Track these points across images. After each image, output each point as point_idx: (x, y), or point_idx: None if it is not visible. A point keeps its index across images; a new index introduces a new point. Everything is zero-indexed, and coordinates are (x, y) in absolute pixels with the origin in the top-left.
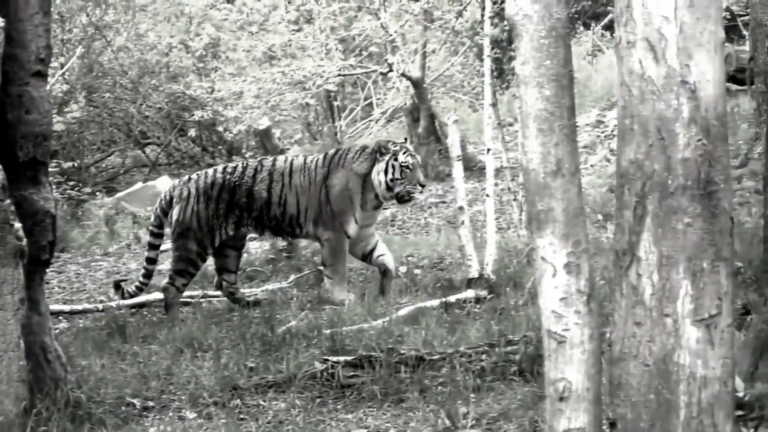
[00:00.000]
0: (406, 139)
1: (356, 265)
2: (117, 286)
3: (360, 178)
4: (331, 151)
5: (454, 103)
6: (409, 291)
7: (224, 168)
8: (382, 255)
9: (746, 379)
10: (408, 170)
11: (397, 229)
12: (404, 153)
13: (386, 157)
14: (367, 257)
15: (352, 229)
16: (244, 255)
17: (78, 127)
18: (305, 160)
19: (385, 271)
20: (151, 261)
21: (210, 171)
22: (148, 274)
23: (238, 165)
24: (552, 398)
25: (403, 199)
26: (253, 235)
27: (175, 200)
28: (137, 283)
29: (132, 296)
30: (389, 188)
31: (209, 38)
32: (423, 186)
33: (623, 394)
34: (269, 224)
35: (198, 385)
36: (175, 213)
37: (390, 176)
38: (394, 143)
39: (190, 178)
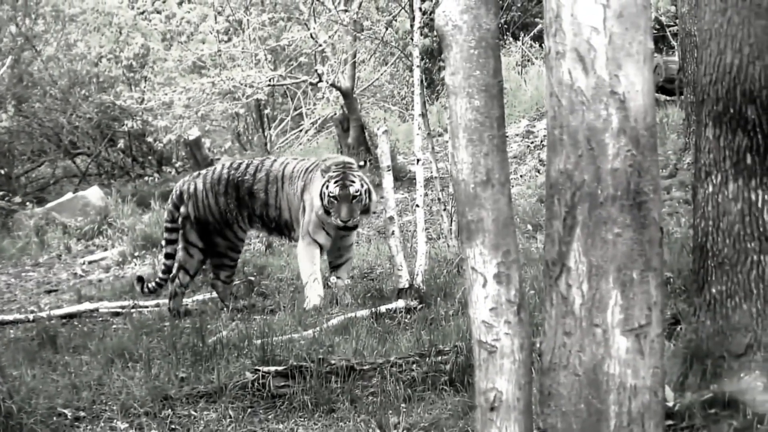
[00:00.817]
0: (364, 163)
1: (287, 275)
2: (140, 279)
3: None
4: (311, 165)
5: (384, 113)
6: (340, 301)
7: (230, 164)
8: (338, 278)
9: (676, 389)
10: (334, 201)
11: None
12: (336, 182)
13: (323, 182)
14: (332, 270)
15: (322, 238)
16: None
17: (8, 136)
18: (294, 167)
19: (334, 293)
20: (169, 256)
21: (218, 166)
22: (167, 270)
23: (242, 162)
24: (483, 408)
25: (341, 226)
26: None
27: (185, 196)
28: (157, 279)
29: (151, 292)
30: (326, 213)
31: (138, 48)
32: (344, 222)
33: (554, 404)
34: (270, 225)
35: (129, 395)
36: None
37: (323, 202)
38: (342, 166)
39: (199, 174)
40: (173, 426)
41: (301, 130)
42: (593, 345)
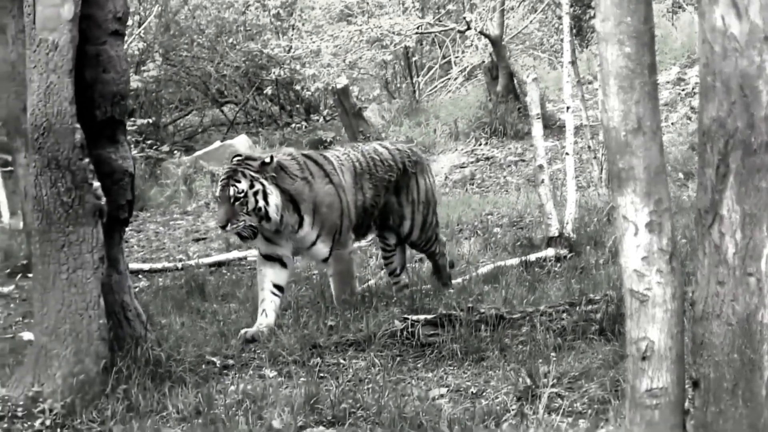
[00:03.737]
0: (270, 159)
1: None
2: None
3: None
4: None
5: (533, 60)
6: (489, 249)
7: None
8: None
9: None
10: (217, 202)
11: (476, 187)
12: (220, 181)
13: None
14: None
15: (261, 245)
16: None
17: (155, 85)
18: None
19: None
20: None
21: None
22: None
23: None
24: (634, 358)
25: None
26: None
27: None
28: None
29: None
30: None
31: None
32: (219, 226)
33: (706, 354)
34: None
35: (277, 343)
36: None
37: None
38: (237, 162)
39: None
40: (322, 374)
41: (449, 78)
42: (747, 294)
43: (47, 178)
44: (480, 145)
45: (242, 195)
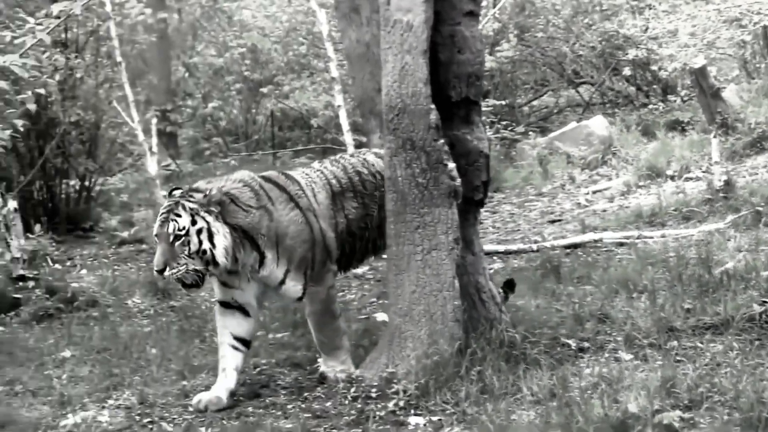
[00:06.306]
0: (207, 194)
1: None
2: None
3: None
4: None
5: None
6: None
7: None
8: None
9: None
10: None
11: None
12: (159, 216)
13: None
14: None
15: (218, 290)
16: (680, 195)
17: (510, 66)
18: None
19: None
20: None
21: None
22: None
23: None
24: None
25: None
26: None
27: None
28: None
29: None
30: None
31: None
32: (156, 270)
33: None
34: None
35: (633, 326)
36: None
37: None
38: (182, 194)
39: None
40: (678, 357)
41: None
42: None
43: (402, 159)
44: None
45: (183, 233)
